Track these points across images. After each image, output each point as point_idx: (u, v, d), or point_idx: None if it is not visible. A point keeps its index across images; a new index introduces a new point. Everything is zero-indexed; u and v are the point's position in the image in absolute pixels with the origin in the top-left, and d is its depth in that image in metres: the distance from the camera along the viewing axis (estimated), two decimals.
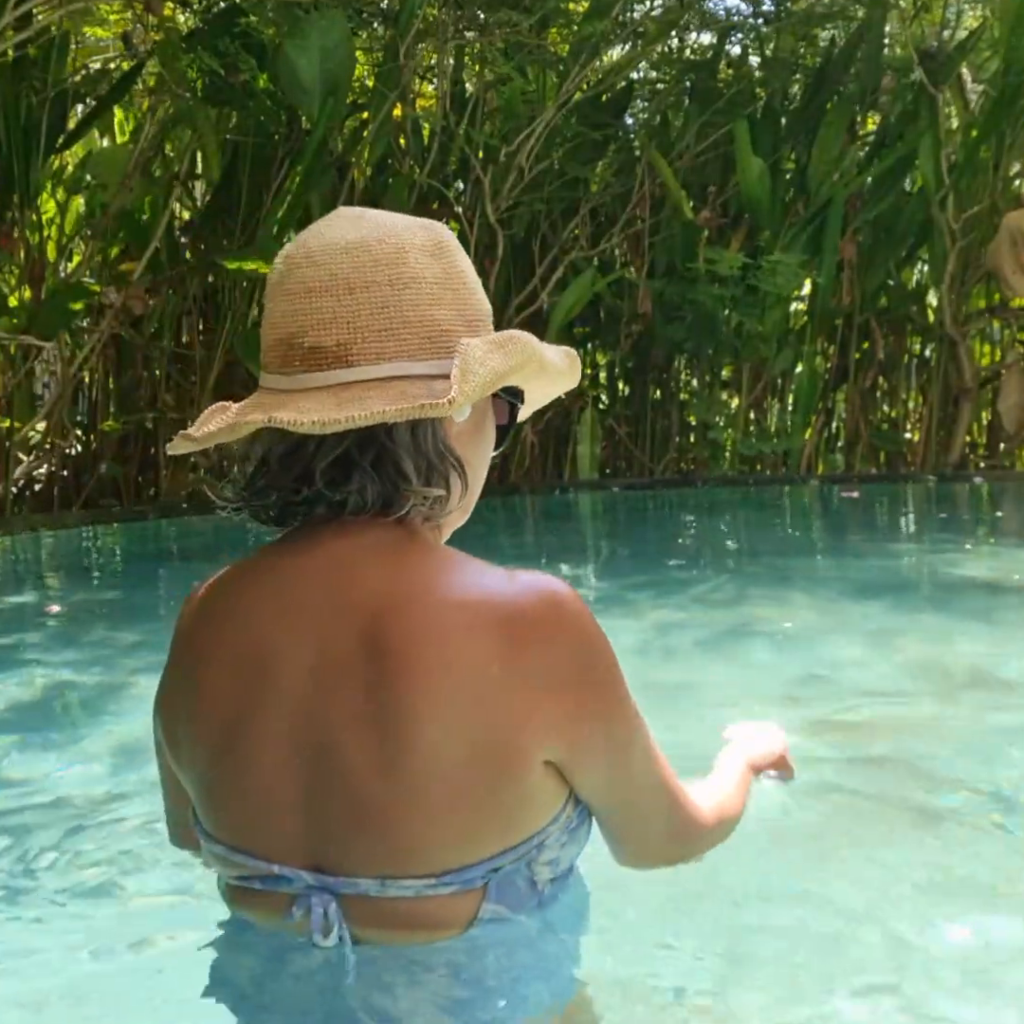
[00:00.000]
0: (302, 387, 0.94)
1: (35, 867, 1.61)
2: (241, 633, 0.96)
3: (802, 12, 7.52)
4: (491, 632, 0.90)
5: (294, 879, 0.94)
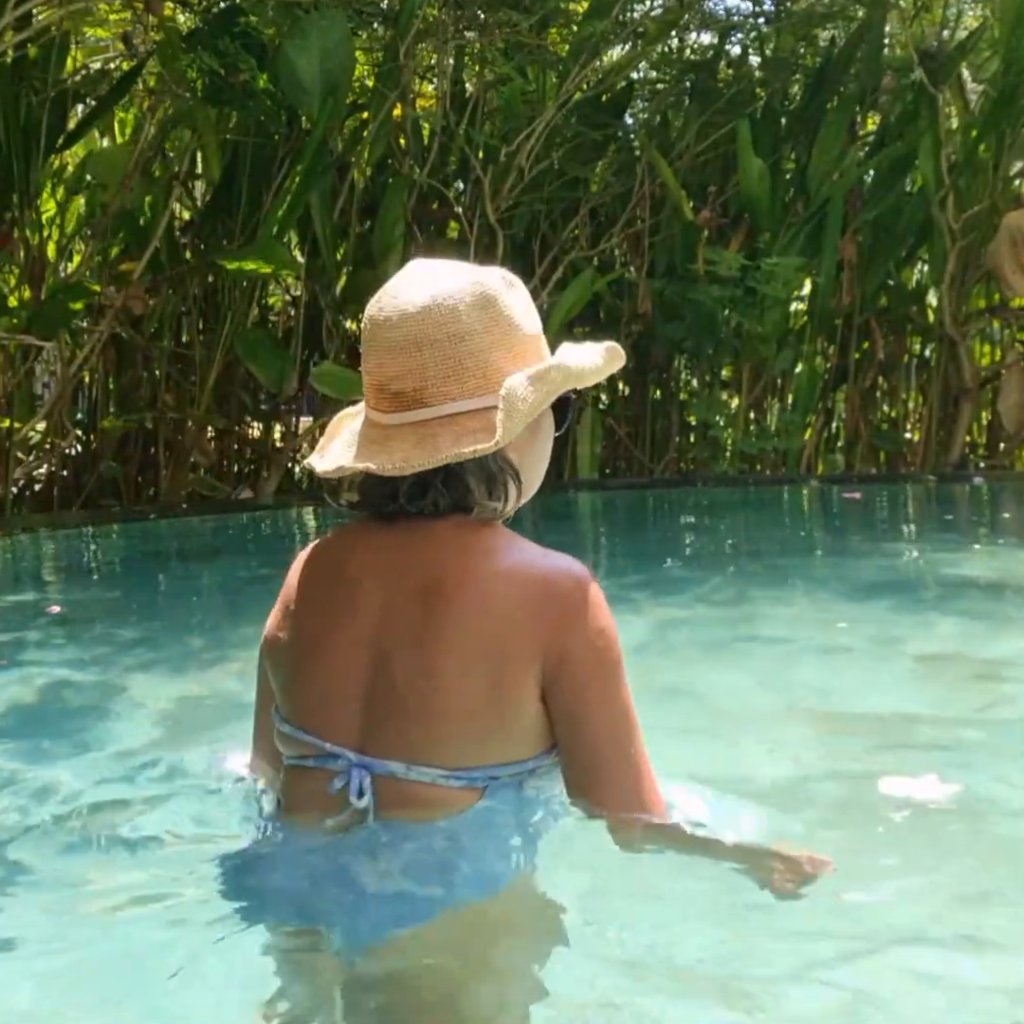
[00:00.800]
0: (392, 423, 1.27)
1: (34, 866, 1.61)
2: (335, 575, 1.31)
3: (802, 12, 7.53)
4: (521, 589, 1.23)
5: (341, 757, 1.25)
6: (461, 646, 1.21)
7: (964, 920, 1.37)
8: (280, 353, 6.56)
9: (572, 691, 1.23)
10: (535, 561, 1.28)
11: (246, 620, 3.54)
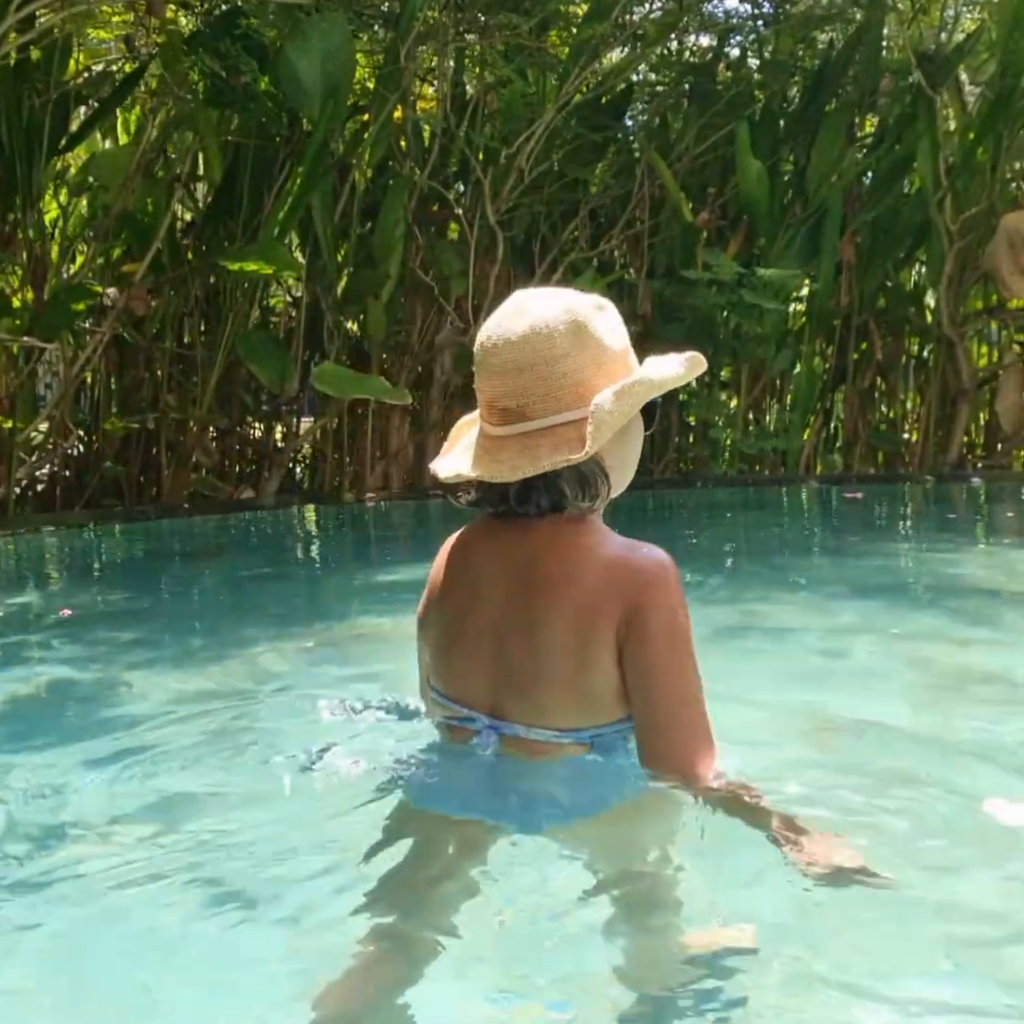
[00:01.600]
0: (502, 435, 1.49)
1: (36, 865, 1.64)
2: (465, 569, 1.59)
3: (801, 14, 7.55)
4: (608, 572, 1.46)
5: (476, 720, 1.53)
6: (559, 630, 1.45)
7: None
8: (281, 354, 6.58)
9: (640, 658, 1.44)
10: (620, 550, 1.50)
11: (247, 619, 3.57)
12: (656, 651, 1.44)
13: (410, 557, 5.22)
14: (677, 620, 1.46)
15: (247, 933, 1.40)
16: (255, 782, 1.89)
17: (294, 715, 2.38)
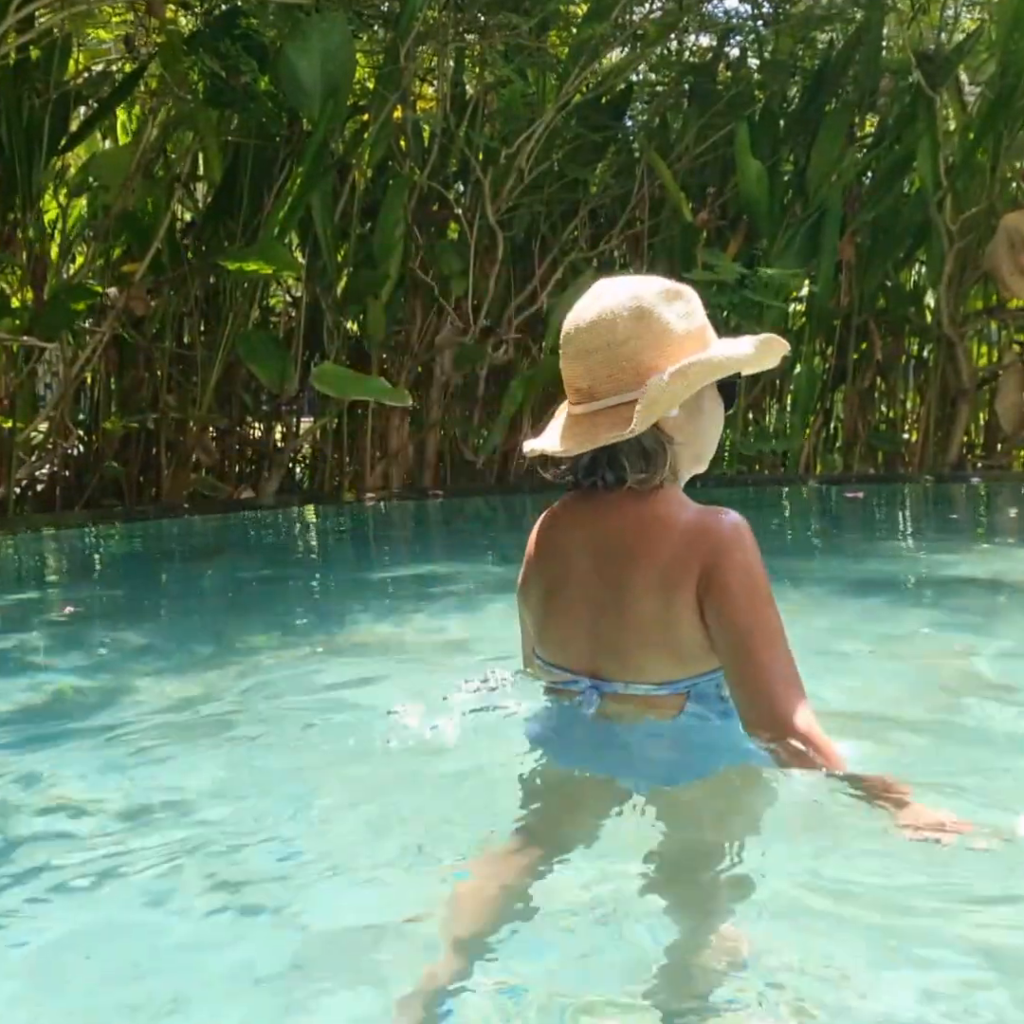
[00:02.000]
0: (576, 413, 1.62)
1: (42, 867, 1.64)
2: (557, 544, 1.69)
3: (801, 14, 7.55)
4: (684, 534, 1.55)
5: (579, 681, 1.63)
6: (645, 593, 1.56)
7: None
8: (281, 354, 6.58)
9: (722, 616, 1.52)
10: (695, 515, 1.58)
11: (246, 619, 3.57)
12: (736, 609, 1.51)
13: (410, 557, 5.22)
14: (753, 578, 1.53)
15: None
16: (261, 780, 1.89)
17: (294, 714, 2.39)
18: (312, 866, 1.57)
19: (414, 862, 1.53)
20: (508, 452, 7.44)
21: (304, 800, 1.81)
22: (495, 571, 4.33)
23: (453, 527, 6.38)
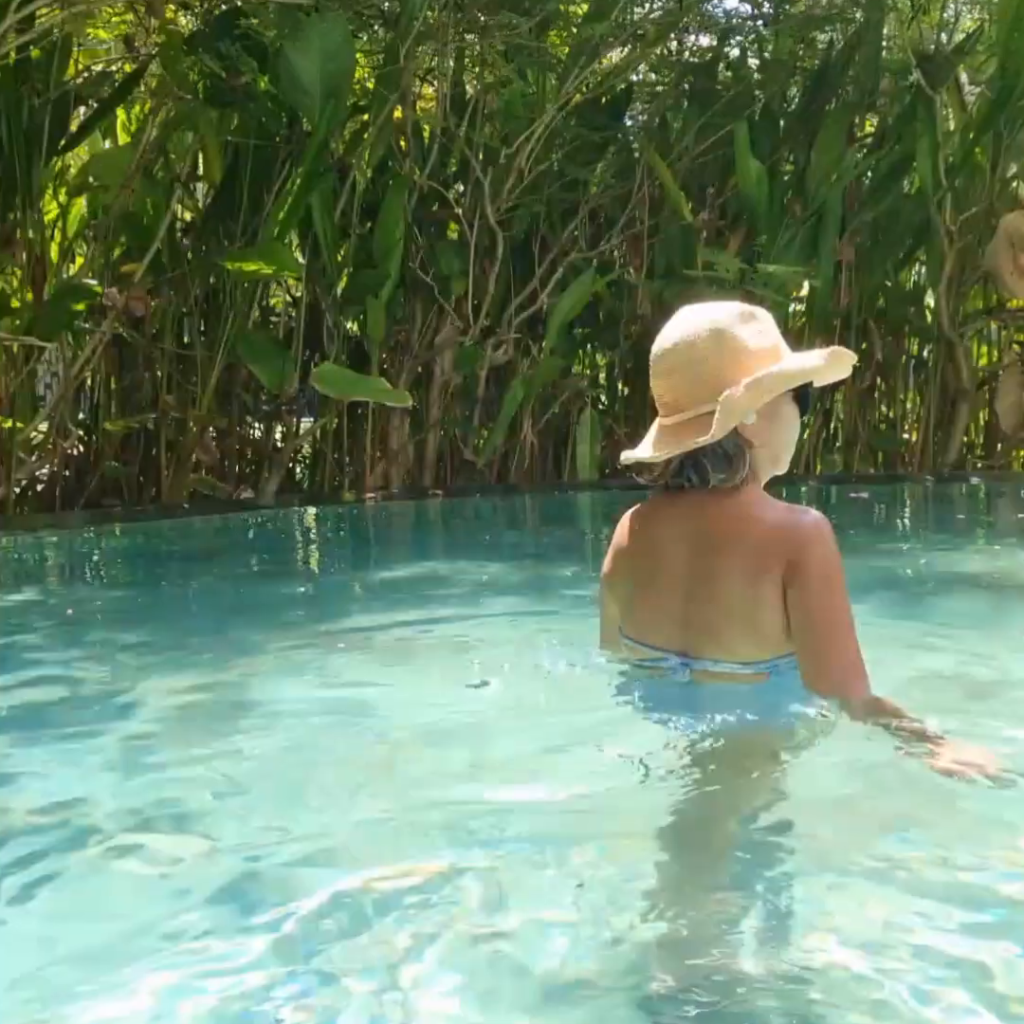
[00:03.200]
0: (666, 424, 1.84)
1: (38, 868, 1.64)
2: (651, 535, 1.92)
3: (801, 15, 7.55)
4: (770, 529, 1.78)
5: (669, 659, 1.86)
6: (735, 581, 1.77)
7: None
8: (281, 354, 6.58)
9: (803, 600, 1.74)
10: (782, 512, 1.81)
11: (246, 619, 3.57)
12: (815, 594, 1.74)
13: (410, 557, 5.23)
14: (832, 569, 1.75)
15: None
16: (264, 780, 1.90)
17: (294, 713, 2.39)
18: (314, 865, 1.57)
19: (430, 854, 1.53)
20: (508, 452, 7.44)
21: (304, 799, 1.81)
22: (495, 571, 4.33)
23: (453, 527, 6.38)
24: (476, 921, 1.38)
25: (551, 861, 1.54)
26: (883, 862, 1.52)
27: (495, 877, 1.49)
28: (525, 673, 2.39)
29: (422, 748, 2.05)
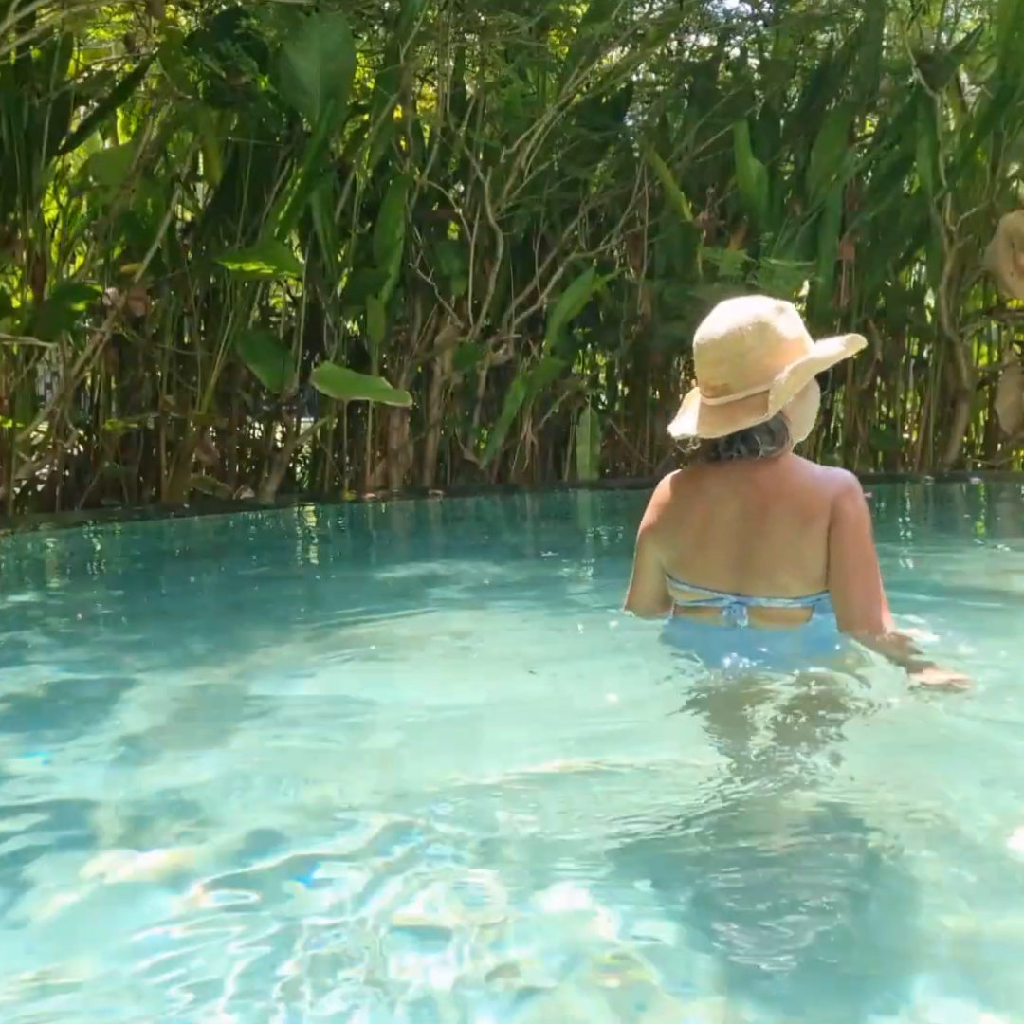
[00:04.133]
0: (713, 404, 2.17)
1: (37, 867, 1.64)
2: (699, 493, 2.25)
3: (801, 14, 7.54)
4: (812, 483, 2.17)
5: (724, 598, 2.19)
6: (786, 528, 2.12)
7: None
8: (281, 354, 6.58)
9: (839, 542, 2.09)
10: (820, 470, 2.21)
11: (247, 619, 3.57)
12: (850, 536, 2.09)
13: (410, 556, 5.22)
14: (863, 516, 2.13)
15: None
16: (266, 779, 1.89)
17: (294, 713, 2.39)
18: (315, 864, 1.57)
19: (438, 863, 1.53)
20: (508, 452, 7.44)
21: (304, 798, 1.81)
22: (495, 570, 4.33)
23: (453, 527, 6.38)
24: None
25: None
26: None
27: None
28: (524, 672, 2.39)
29: (422, 747, 2.06)
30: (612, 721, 2.13)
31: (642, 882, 1.48)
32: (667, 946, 1.32)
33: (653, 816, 1.68)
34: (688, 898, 1.45)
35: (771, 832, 1.67)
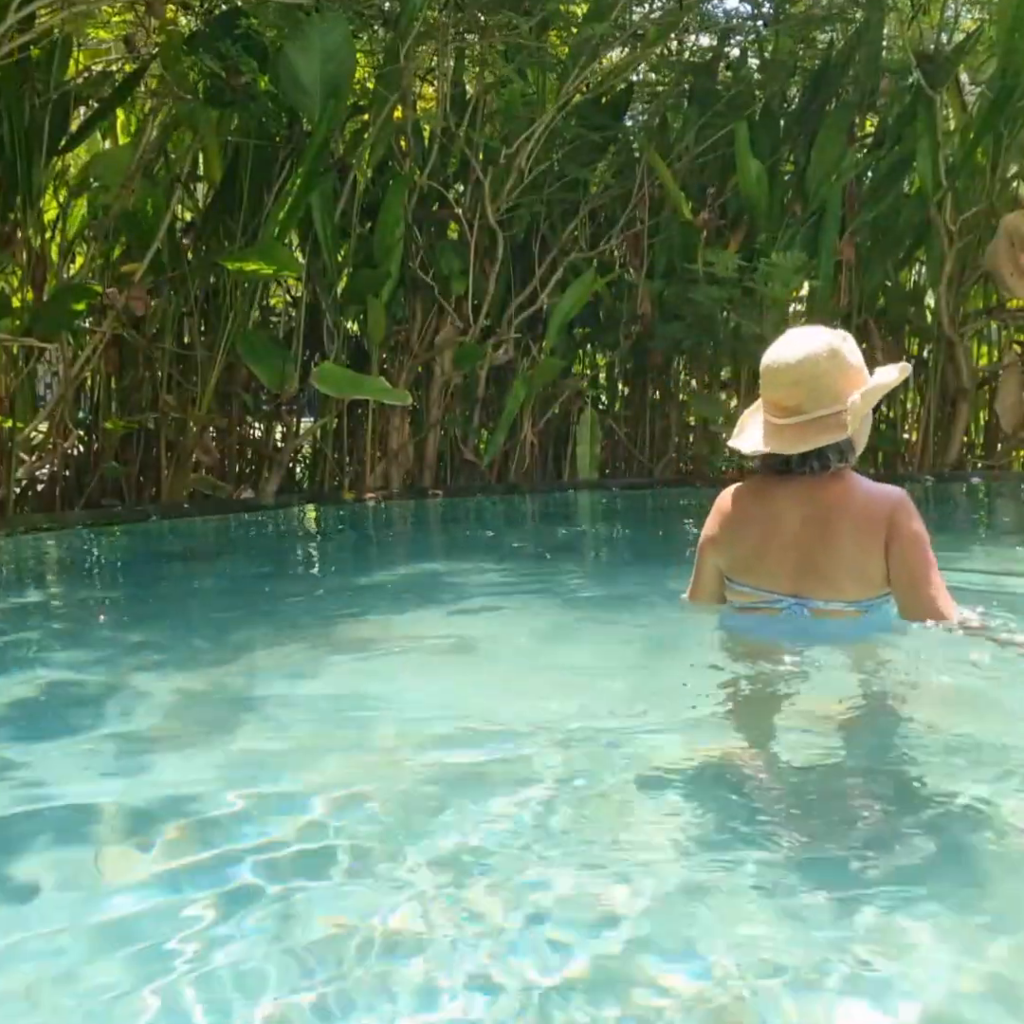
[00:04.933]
0: (784, 424, 2.40)
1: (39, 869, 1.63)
2: (762, 504, 2.50)
3: (801, 15, 7.55)
4: (868, 497, 2.39)
5: (783, 600, 2.42)
6: (845, 538, 2.36)
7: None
8: (281, 353, 6.58)
9: (899, 552, 2.33)
10: (875, 486, 2.43)
11: (247, 619, 3.57)
12: (909, 545, 2.33)
13: (410, 557, 5.22)
14: (919, 527, 2.35)
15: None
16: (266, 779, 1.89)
17: (293, 712, 2.38)
18: (316, 864, 1.57)
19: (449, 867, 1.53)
20: (508, 452, 7.44)
21: (304, 798, 1.81)
22: (495, 571, 4.33)
23: (453, 527, 6.38)
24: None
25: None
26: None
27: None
28: (524, 672, 2.39)
29: (423, 747, 2.05)
30: (615, 720, 2.13)
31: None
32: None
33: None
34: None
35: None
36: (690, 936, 1.35)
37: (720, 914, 1.40)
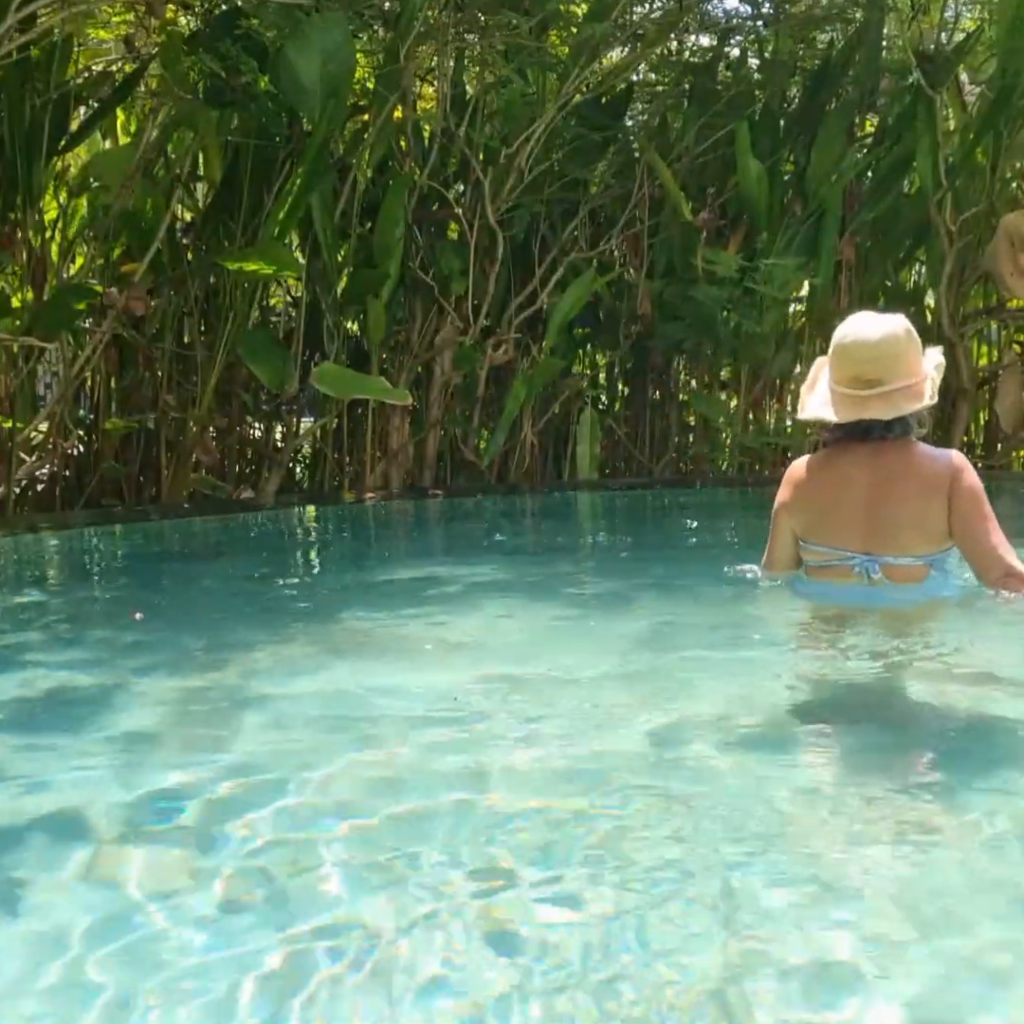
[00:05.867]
0: (865, 395, 2.71)
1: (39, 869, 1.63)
2: (837, 470, 2.85)
3: (801, 14, 7.55)
4: (934, 460, 2.78)
5: (855, 557, 2.76)
6: (912, 498, 2.69)
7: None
8: (281, 353, 6.58)
9: (961, 509, 2.66)
10: (937, 450, 2.77)
11: (246, 619, 3.57)
12: (969, 502, 2.65)
13: (410, 557, 5.22)
14: (978, 485, 2.67)
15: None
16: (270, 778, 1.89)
17: (293, 712, 2.39)
18: (316, 864, 1.57)
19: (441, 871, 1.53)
20: (508, 452, 7.44)
21: (305, 798, 1.81)
22: (495, 571, 4.34)
23: (453, 527, 6.38)
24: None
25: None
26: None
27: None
28: (524, 672, 2.39)
29: (423, 747, 2.05)
30: (619, 717, 2.13)
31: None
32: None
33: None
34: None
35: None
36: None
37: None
